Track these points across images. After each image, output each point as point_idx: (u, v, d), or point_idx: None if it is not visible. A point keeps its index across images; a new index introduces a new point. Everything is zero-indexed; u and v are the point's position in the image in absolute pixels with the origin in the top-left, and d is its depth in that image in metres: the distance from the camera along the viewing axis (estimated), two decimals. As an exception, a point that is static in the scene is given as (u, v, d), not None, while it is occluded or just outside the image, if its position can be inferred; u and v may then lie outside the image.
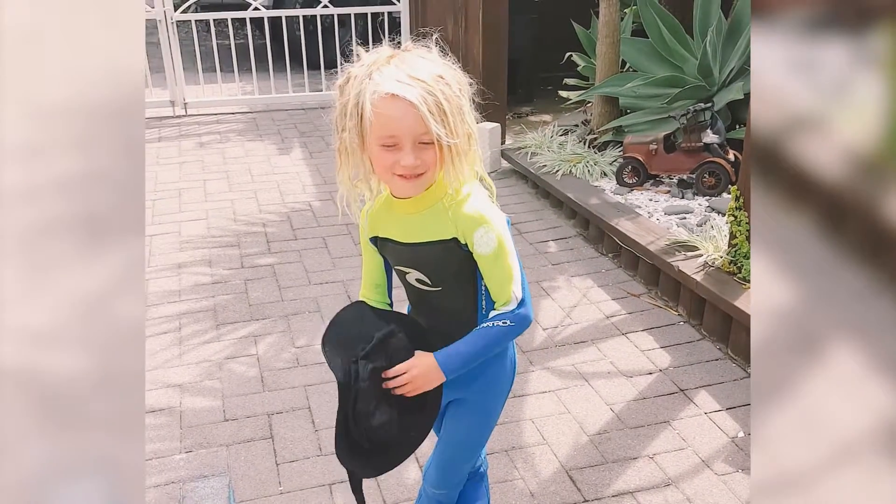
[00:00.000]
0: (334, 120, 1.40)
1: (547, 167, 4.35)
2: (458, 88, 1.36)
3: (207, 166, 4.99)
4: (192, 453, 2.38)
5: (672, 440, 2.42)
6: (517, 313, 1.44)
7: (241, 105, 6.34)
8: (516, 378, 2.67)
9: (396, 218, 1.48)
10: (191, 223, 4.10)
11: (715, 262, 3.07)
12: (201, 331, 3.06)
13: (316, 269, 3.57)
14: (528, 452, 2.37)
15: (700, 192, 3.86)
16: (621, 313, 3.15)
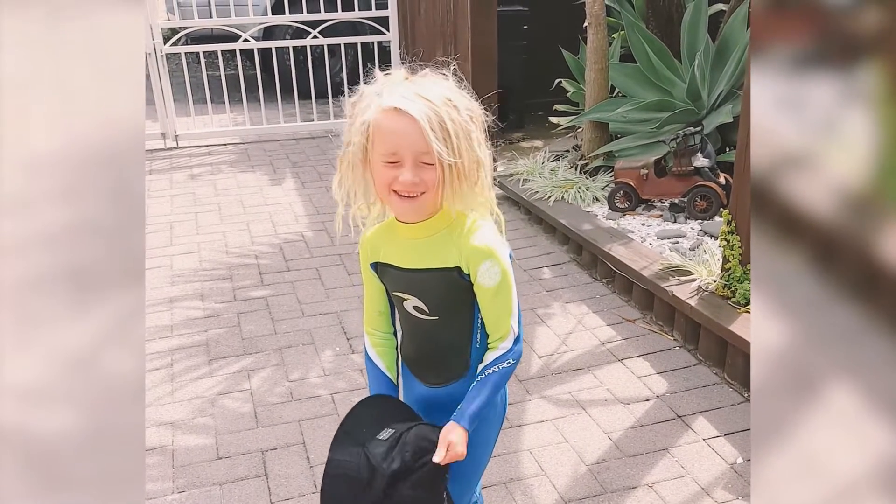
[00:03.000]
0: (344, 134, 1.40)
1: (539, 193, 4.35)
2: (467, 114, 1.35)
3: (199, 198, 4.98)
4: (185, 493, 2.34)
5: (671, 468, 2.39)
6: (514, 350, 1.44)
7: (233, 136, 6.35)
8: (513, 408, 2.67)
9: (399, 243, 1.46)
10: (182, 256, 4.08)
11: (709, 286, 3.06)
12: (194, 366, 3.03)
13: (309, 300, 3.54)
14: (526, 484, 2.34)
15: (692, 216, 3.87)
16: (617, 339, 3.13)
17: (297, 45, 6.23)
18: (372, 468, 1.43)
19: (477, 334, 1.48)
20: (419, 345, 1.55)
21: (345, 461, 1.46)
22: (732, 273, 2.98)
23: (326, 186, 5.15)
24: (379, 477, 1.42)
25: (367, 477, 1.43)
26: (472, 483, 1.65)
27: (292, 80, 6.22)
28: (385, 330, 1.60)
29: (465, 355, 1.49)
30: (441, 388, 1.54)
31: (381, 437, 1.46)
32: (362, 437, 1.48)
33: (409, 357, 1.60)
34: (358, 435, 1.49)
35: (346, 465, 1.46)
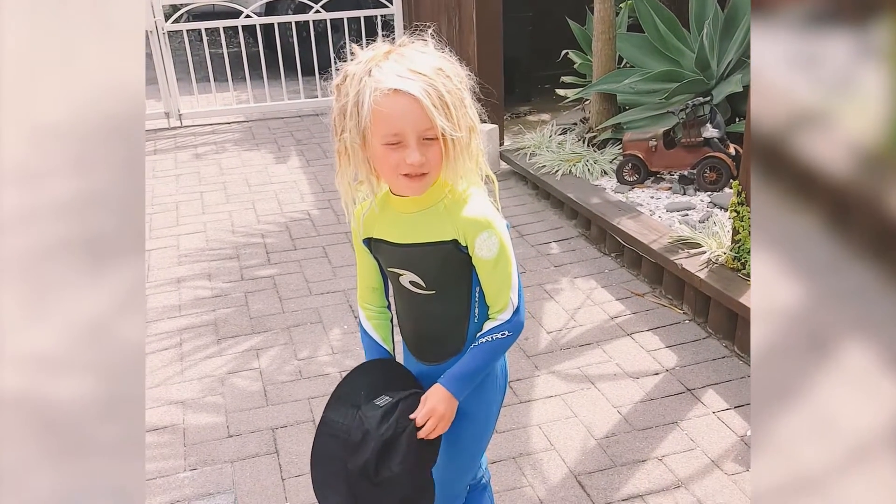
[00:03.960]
0: (332, 122, 1.36)
1: (546, 167, 4.32)
2: (458, 81, 1.33)
3: (204, 178, 4.97)
4: (197, 471, 2.35)
5: (680, 441, 2.39)
6: (513, 321, 1.42)
7: (237, 114, 6.32)
8: (522, 384, 2.67)
9: (391, 217, 1.44)
10: (189, 236, 4.08)
11: (718, 258, 3.04)
12: (202, 346, 3.04)
13: (316, 279, 3.54)
14: (535, 459, 2.34)
15: (701, 188, 3.83)
16: (626, 314, 3.12)
17: (299, 20, 6.17)
18: (365, 431, 1.43)
19: (475, 309, 1.46)
20: (415, 321, 1.53)
21: (338, 422, 1.47)
22: (742, 245, 2.95)
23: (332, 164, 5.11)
24: (371, 441, 1.42)
25: (359, 440, 1.43)
26: (475, 459, 1.64)
27: (295, 56, 6.16)
28: (379, 304, 1.59)
29: (463, 330, 1.47)
30: (438, 365, 1.52)
31: (377, 403, 1.46)
32: (358, 401, 1.48)
33: (405, 334, 1.59)
34: (354, 398, 1.49)
35: (338, 426, 1.46)
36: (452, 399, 1.43)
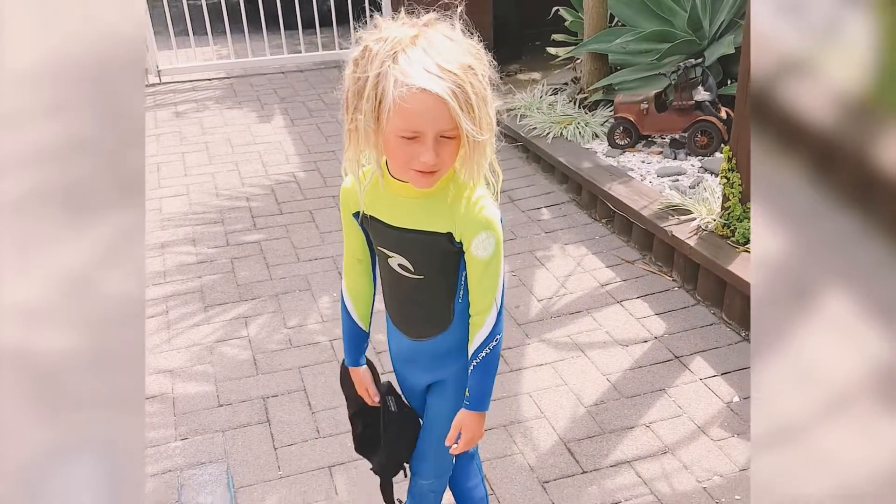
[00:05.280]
0: (344, 96, 1.30)
1: (537, 130, 4.27)
2: (482, 76, 1.26)
3: (185, 138, 4.87)
4: (188, 440, 2.36)
5: (668, 408, 2.42)
6: (498, 326, 1.45)
7: (218, 70, 6.16)
8: (512, 352, 2.68)
9: (387, 198, 1.41)
10: (172, 199, 4.01)
11: (708, 225, 3.04)
12: (189, 313, 3.01)
13: (304, 244, 3.50)
14: (526, 426, 2.36)
15: (692, 152, 3.80)
16: (616, 281, 3.12)
17: (281, -29, 5.98)
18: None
19: (460, 291, 1.47)
20: (402, 301, 1.53)
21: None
22: (732, 212, 2.94)
23: (317, 124, 5.04)
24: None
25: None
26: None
27: (277, 10, 6.00)
28: (363, 278, 1.59)
29: (448, 311, 1.48)
30: (425, 340, 1.53)
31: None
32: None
33: (391, 310, 1.58)
34: None
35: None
36: (482, 417, 1.53)
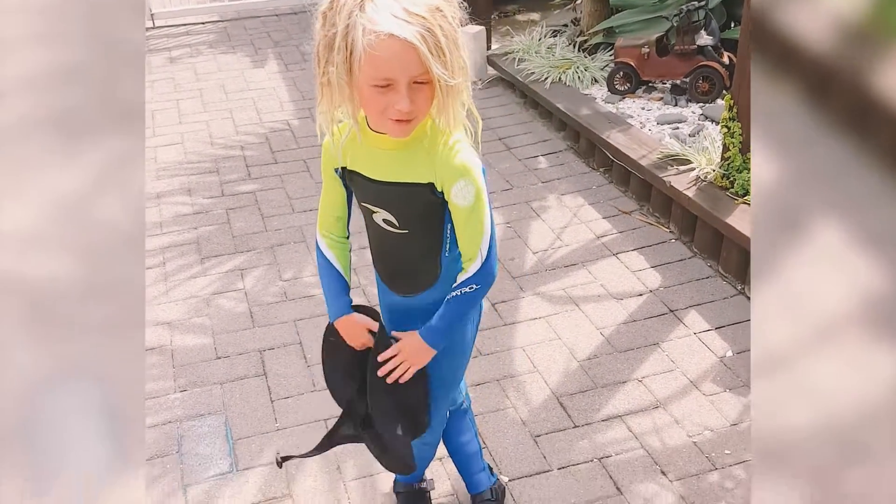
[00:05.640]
0: (315, 51, 1.29)
1: (535, 74, 4.18)
2: (452, 18, 1.25)
3: (179, 84, 4.79)
4: (187, 392, 2.39)
5: (661, 362, 2.44)
6: (481, 274, 1.42)
7: (211, 14, 6.02)
8: (506, 305, 2.69)
9: (368, 151, 1.40)
10: (166, 148, 3.97)
11: (707, 175, 3.00)
12: (186, 265, 3.02)
13: (299, 195, 3.48)
14: (519, 381, 2.38)
15: (693, 99, 3.73)
16: (612, 232, 3.11)
17: None
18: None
19: (446, 244, 1.47)
20: (388, 255, 1.53)
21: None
22: (732, 162, 2.91)
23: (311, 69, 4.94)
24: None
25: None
26: (452, 387, 1.68)
27: (272, -50, 5.83)
28: (341, 234, 1.57)
29: (436, 265, 1.48)
30: (413, 296, 1.54)
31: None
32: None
33: (378, 267, 1.59)
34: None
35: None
36: (428, 349, 1.47)
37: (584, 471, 2.06)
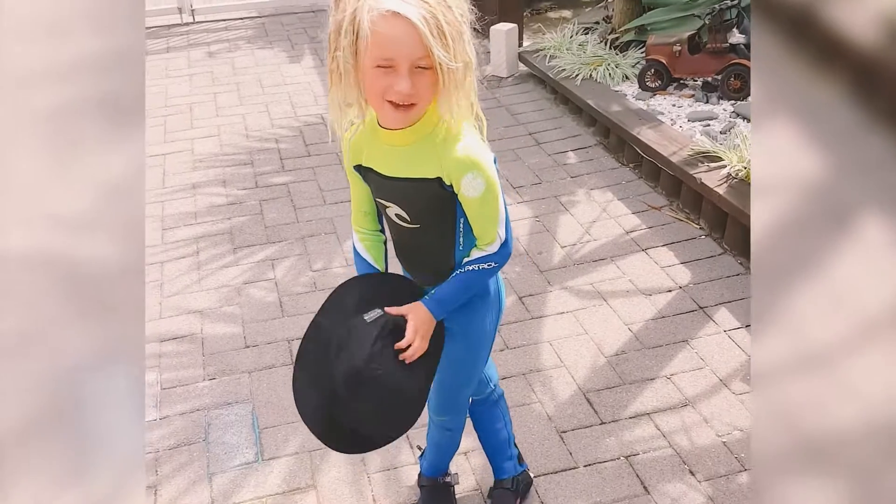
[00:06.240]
0: (328, 38, 1.32)
1: (566, 71, 4.17)
2: (458, 13, 1.28)
3: (217, 78, 4.87)
4: (216, 380, 2.43)
5: (690, 360, 2.42)
6: (500, 254, 1.45)
7: (249, 9, 6.11)
8: (534, 299, 2.69)
9: (381, 148, 1.43)
10: (203, 140, 4.04)
11: (738, 173, 2.97)
12: (219, 255, 3.07)
13: (331, 187, 3.52)
14: (545, 375, 2.39)
15: (725, 96, 3.70)
16: (641, 228, 3.09)
17: None
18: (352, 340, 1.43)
19: (460, 238, 1.48)
20: (404, 249, 1.57)
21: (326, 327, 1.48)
22: (765, 160, 2.87)
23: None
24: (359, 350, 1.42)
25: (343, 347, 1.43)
26: (471, 376, 1.68)
27: (308, -53, 5.89)
28: (372, 228, 1.61)
29: (449, 259, 1.50)
30: (431, 287, 1.55)
31: (366, 318, 1.44)
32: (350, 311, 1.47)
33: (401, 261, 1.62)
34: (347, 307, 1.49)
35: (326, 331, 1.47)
36: (431, 319, 1.46)
37: (610, 469, 2.06)
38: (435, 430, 1.82)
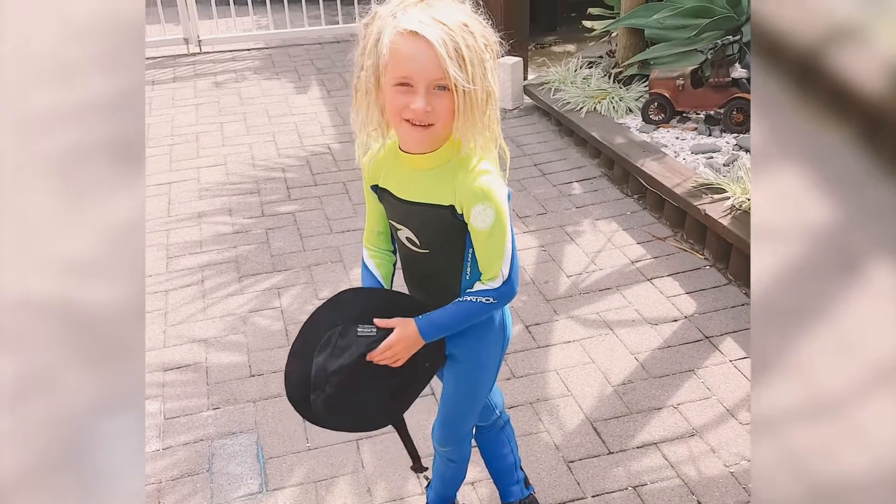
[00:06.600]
0: (356, 58, 1.37)
1: (571, 104, 4.22)
2: (482, 42, 1.31)
3: (224, 108, 4.92)
4: (220, 410, 2.42)
5: (696, 389, 2.41)
6: (500, 291, 1.44)
7: (256, 41, 6.19)
8: (540, 328, 2.69)
9: (400, 171, 1.45)
10: (209, 169, 4.07)
11: (742, 205, 2.99)
12: (224, 283, 3.07)
13: (337, 216, 3.54)
14: (552, 404, 2.38)
15: (728, 129, 3.73)
16: (647, 258, 3.10)
17: (319, -58, 5.96)
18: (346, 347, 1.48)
19: (467, 267, 1.49)
20: (411, 272, 1.58)
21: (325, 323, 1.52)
22: (769, 192, 2.89)
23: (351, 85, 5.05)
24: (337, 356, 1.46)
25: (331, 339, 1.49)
26: (474, 404, 1.67)
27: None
28: (384, 247, 1.62)
29: (454, 287, 1.50)
30: None
31: (359, 330, 1.47)
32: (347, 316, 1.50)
33: (407, 284, 1.62)
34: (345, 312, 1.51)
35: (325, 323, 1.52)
36: (418, 338, 1.46)
37: (618, 499, 2.04)
38: (440, 461, 1.81)
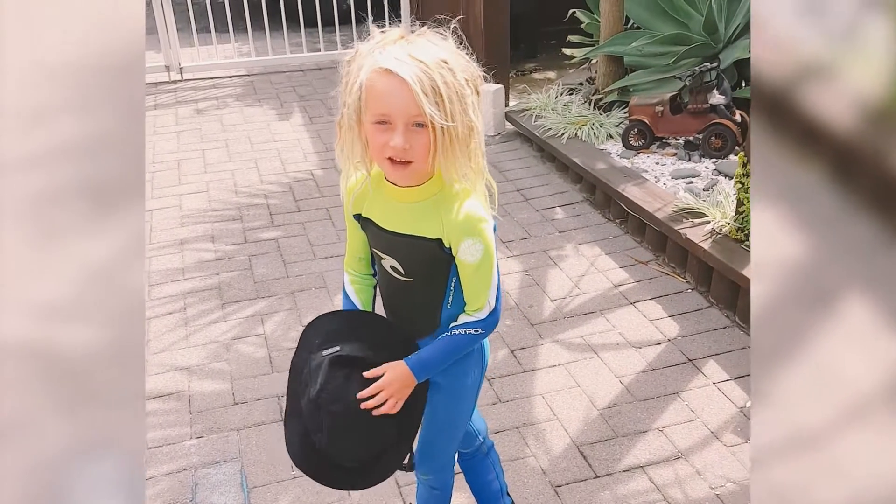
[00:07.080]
0: (339, 95, 1.38)
1: (552, 130, 4.27)
2: (462, 77, 1.31)
3: (206, 135, 4.92)
4: (203, 438, 2.39)
5: (681, 412, 2.43)
6: (487, 321, 1.46)
7: (238, 68, 6.21)
8: (525, 353, 2.70)
9: (384, 201, 1.46)
10: (191, 196, 4.06)
11: (722, 228, 3.03)
12: (207, 310, 3.05)
13: (320, 241, 3.54)
14: (539, 429, 2.37)
15: (707, 155, 3.80)
16: (629, 282, 3.13)
17: (300, -30, 6.01)
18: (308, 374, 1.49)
19: (449, 297, 1.50)
20: (392, 300, 1.58)
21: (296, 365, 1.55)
22: (746, 216, 2.94)
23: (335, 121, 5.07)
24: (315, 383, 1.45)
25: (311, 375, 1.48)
26: (454, 431, 1.67)
27: (298, 8, 6.03)
28: (364, 272, 1.63)
29: (435, 317, 1.51)
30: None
31: (322, 353, 1.47)
32: (312, 346, 1.51)
33: (386, 311, 1.63)
34: (311, 342, 1.53)
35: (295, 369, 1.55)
36: (411, 378, 1.46)
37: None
38: (423, 489, 1.80)
